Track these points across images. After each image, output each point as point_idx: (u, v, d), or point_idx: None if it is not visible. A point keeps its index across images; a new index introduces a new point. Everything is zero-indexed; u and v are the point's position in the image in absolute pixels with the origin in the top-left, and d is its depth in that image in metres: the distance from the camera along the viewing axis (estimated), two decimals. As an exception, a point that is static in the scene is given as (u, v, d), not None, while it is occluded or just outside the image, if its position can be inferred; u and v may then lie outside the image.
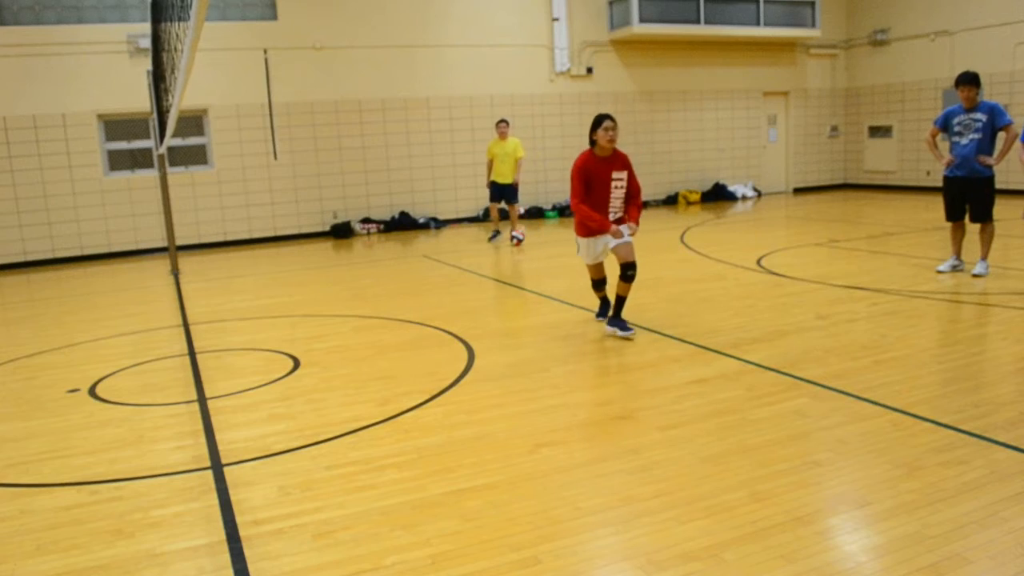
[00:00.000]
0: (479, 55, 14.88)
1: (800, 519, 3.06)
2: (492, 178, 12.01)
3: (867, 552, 2.82)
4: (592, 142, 6.00)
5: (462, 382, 5.11)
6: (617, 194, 5.99)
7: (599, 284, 6.50)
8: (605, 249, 6.11)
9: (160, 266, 11.47)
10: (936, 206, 8.65)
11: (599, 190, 5.93)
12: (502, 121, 11.97)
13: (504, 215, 13.21)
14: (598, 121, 5.93)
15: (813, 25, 16.95)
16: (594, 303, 7.26)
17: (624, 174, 6.01)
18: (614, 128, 5.91)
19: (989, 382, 4.67)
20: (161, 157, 10.67)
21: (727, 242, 10.95)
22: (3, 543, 3.23)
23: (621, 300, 6.05)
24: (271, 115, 13.57)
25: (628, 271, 5.94)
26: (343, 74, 13.96)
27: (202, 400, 5.02)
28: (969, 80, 7.34)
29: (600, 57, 15.95)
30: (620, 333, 5.96)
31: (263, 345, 6.43)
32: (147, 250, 13.02)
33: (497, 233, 12.27)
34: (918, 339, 5.55)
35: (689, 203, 16.73)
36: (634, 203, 6.13)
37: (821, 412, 4.21)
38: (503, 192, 12.00)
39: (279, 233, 13.91)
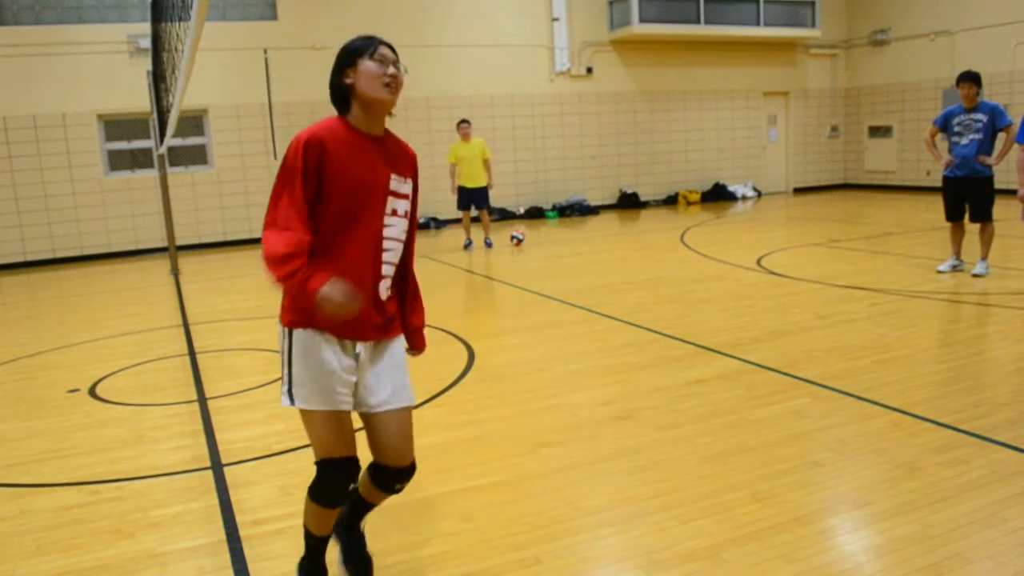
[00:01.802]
0: (479, 55, 14.88)
1: (800, 519, 3.06)
2: (460, 183, 11.37)
3: (867, 552, 2.82)
4: (343, 92, 2.39)
5: (462, 382, 5.10)
6: (394, 233, 2.48)
7: (336, 476, 2.49)
8: (352, 391, 2.47)
9: (160, 266, 11.47)
10: (936, 206, 8.65)
11: (357, 210, 2.38)
12: (464, 121, 11.36)
13: (476, 220, 12.33)
14: (363, 45, 2.37)
15: (813, 25, 16.96)
16: (595, 302, 7.25)
17: (409, 186, 2.52)
18: (396, 63, 2.40)
19: (989, 382, 4.67)
20: (161, 157, 10.67)
21: (727, 242, 10.95)
22: (3, 543, 3.23)
23: (366, 508, 2.72)
24: (271, 115, 13.58)
25: (397, 481, 2.60)
26: (343, 74, 13.94)
27: (202, 400, 5.02)
28: (970, 78, 7.35)
29: (600, 57, 15.95)
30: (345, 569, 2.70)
31: (263, 345, 6.43)
32: (147, 250, 13.02)
33: (471, 242, 11.71)
34: (918, 339, 5.55)
35: (689, 203, 16.73)
36: (413, 294, 2.69)
37: (821, 412, 4.21)
38: (473, 197, 11.37)
39: (279, 233, 13.88)
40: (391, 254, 2.49)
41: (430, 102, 14.60)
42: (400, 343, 2.63)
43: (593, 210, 15.73)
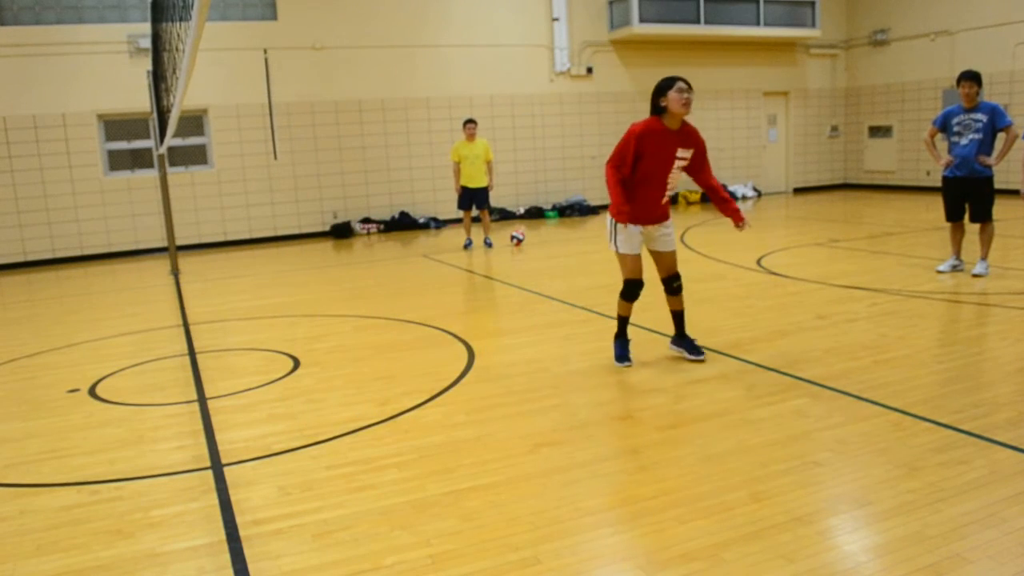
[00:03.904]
0: (479, 55, 14.88)
1: (800, 519, 3.06)
2: (462, 183, 11.29)
3: (867, 552, 2.82)
4: (659, 109, 4.83)
5: (462, 382, 5.10)
6: (675, 175, 4.98)
7: (634, 288, 5.13)
8: (642, 243, 5.14)
9: (160, 266, 11.47)
10: (936, 206, 8.65)
11: (655, 166, 4.87)
12: (470, 121, 11.26)
13: (478, 220, 12.24)
14: (669, 82, 4.76)
15: (813, 25, 16.95)
16: (595, 302, 7.24)
17: (690, 152, 4.95)
18: (690, 91, 4.76)
19: (989, 382, 4.67)
20: (161, 157, 10.67)
21: (727, 242, 10.95)
22: (3, 543, 3.23)
23: (678, 315, 5.32)
24: (271, 115, 13.57)
25: (673, 283, 5.19)
26: (343, 74, 13.96)
27: (202, 400, 5.02)
28: (971, 77, 7.34)
29: (600, 57, 15.95)
30: (689, 356, 5.26)
31: (263, 345, 6.43)
32: (147, 250, 13.03)
33: (471, 242, 11.70)
34: (918, 339, 5.55)
35: (689, 203, 16.73)
36: (718, 193, 5.12)
37: (821, 412, 4.21)
38: (474, 197, 11.33)
39: (279, 233, 13.92)
40: (669, 186, 4.99)
41: (430, 102, 14.60)
42: (669, 224, 5.15)
43: (593, 210, 15.72)
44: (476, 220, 12.23)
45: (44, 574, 2.98)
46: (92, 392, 5.35)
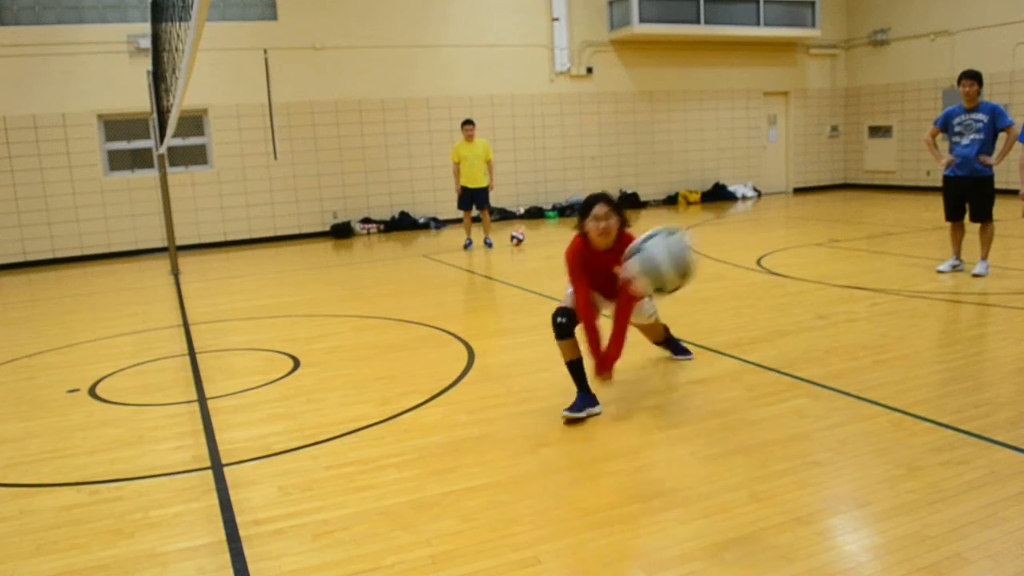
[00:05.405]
0: (479, 55, 14.88)
1: (800, 519, 3.06)
2: (462, 183, 11.31)
3: (867, 552, 2.82)
4: (582, 231, 4.33)
5: (462, 382, 5.10)
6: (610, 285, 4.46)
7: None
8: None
9: (160, 266, 11.47)
10: (936, 206, 8.65)
11: (601, 282, 4.45)
12: (468, 122, 11.28)
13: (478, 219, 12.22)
14: (588, 205, 4.27)
15: (813, 25, 16.96)
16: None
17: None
18: (606, 217, 4.20)
19: (989, 382, 4.67)
20: (161, 157, 10.67)
21: (727, 242, 10.95)
22: (3, 543, 3.23)
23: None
24: (271, 115, 13.57)
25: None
26: (343, 74, 13.96)
27: (202, 400, 5.02)
28: (972, 76, 7.34)
29: (600, 57, 15.95)
30: (675, 356, 5.33)
31: (263, 345, 6.43)
32: (147, 250, 13.03)
33: (471, 242, 11.69)
34: (918, 339, 5.55)
35: (689, 203, 16.73)
36: (617, 329, 4.39)
37: (821, 412, 4.21)
38: (474, 197, 11.36)
39: (279, 233, 13.92)
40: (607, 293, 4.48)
41: (430, 102, 14.60)
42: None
43: (593, 210, 15.69)
44: (476, 220, 12.23)
45: (44, 574, 2.98)
46: (92, 392, 5.36)
